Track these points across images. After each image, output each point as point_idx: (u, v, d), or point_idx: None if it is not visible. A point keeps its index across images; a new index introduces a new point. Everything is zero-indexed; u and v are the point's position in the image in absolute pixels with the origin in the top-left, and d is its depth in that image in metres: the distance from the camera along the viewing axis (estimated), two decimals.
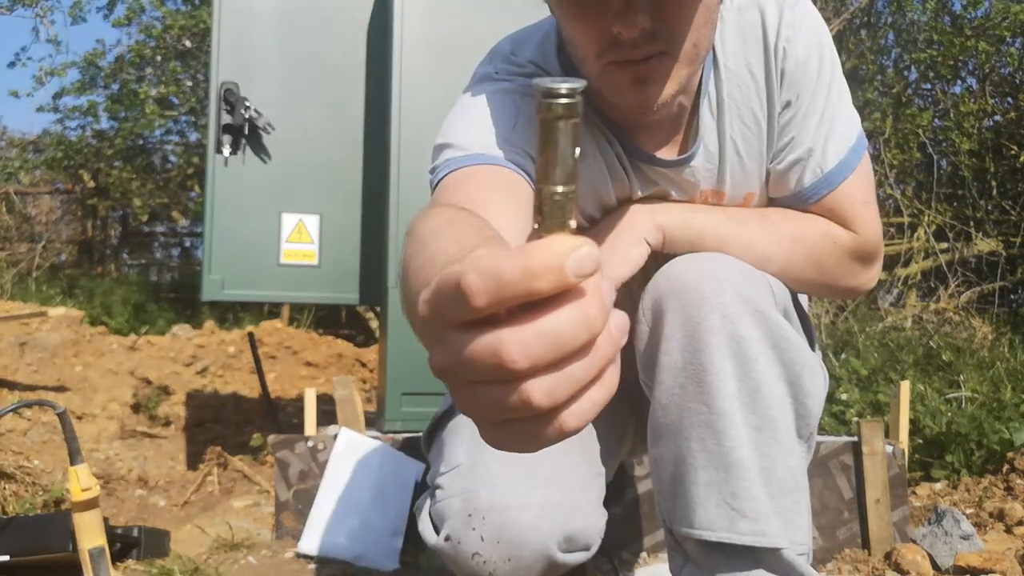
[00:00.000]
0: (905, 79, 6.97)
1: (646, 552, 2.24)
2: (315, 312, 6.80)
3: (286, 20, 2.76)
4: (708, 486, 1.13)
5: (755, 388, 1.12)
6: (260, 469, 3.14)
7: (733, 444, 1.11)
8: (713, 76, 1.26)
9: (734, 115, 1.28)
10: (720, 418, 1.11)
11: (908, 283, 6.42)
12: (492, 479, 1.20)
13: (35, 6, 7.88)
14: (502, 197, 1.09)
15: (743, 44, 1.26)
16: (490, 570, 1.20)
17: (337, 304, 5.25)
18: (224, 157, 2.64)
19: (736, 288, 1.13)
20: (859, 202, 1.30)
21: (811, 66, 1.25)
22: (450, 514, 1.21)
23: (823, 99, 1.26)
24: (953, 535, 2.21)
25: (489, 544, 1.19)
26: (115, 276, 8.85)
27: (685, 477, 1.15)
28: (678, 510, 1.16)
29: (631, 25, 1.07)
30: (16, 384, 3.86)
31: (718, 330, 1.11)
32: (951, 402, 3.33)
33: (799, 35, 1.24)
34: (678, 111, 1.26)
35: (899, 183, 6.48)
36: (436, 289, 0.53)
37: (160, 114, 7.43)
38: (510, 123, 1.20)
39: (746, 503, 1.11)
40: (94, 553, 1.76)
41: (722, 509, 1.12)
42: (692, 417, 1.13)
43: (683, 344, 1.13)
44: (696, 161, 1.29)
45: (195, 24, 7.05)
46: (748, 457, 1.11)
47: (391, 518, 2.15)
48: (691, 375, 1.13)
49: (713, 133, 1.29)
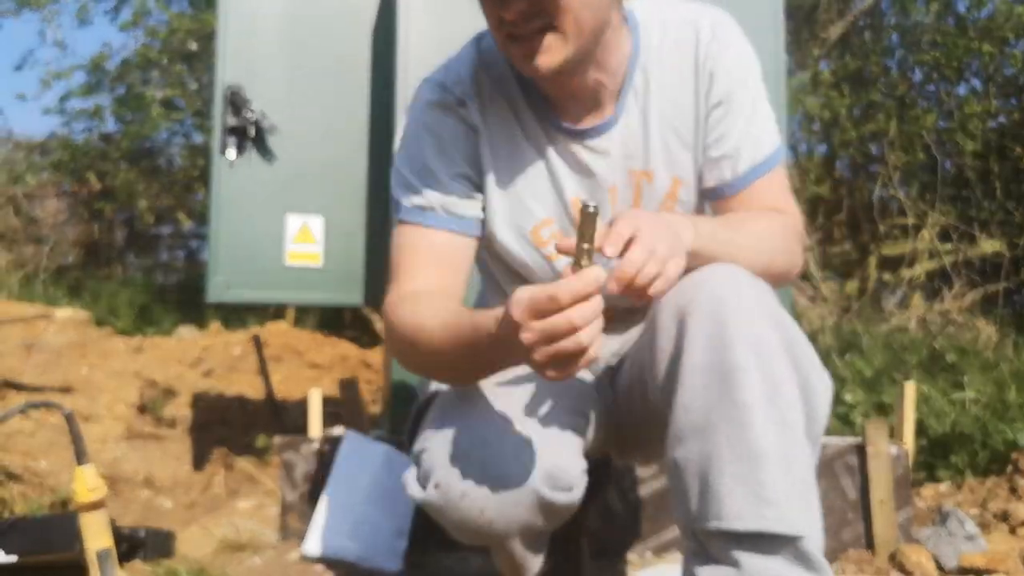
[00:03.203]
0: (909, 81, 6.95)
1: (649, 552, 2.24)
2: (320, 314, 6.80)
3: (291, 22, 2.76)
4: (734, 477, 1.17)
5: (775, 386, 1.19)
6: (265, 470, 3.14)
7: (758, 436, 1.17)
8: (639, 68, 1.46)
9: (664, 104, 1.47)
10: (746, 411, 1.17)
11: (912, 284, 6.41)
12: (472, 427, 1.31)
13: (41, 9, 7.90)
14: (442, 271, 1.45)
15: (677, 48, 1.46)
16: (480, 508, 1.28)
17: (342, 306, 5.26)
18: (229, 159, 2.65)
19: (753, 294, 1.24)
20: (785, 188, 1.50)
21: (737, 75, 1.47)
22: (436, 465, 1.31)
23: (750, 105, 1.47)
24: (958, 536, 2.21)
25: (475, 482, 1.27)
26: (121, 277, 8.87)
27: (711, 472, 1.19)
28: (704, 507, 1.20)
29: (509, 9, 1.29)
30: (23, 385, 3.88)
31: (742, 330, 1.20)
32: (956, 403, 3.32)
33: (728, 48, 1.46)
34: (594, 86, 1.44)
35: (903, 184, 6.47)
36: (532, 299, 1.08)
37: (166, 116, 7.44)
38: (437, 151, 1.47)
39: (771, 491, 1.16)
40: (100, 554, 1.77)
41: (748, 499, 1.16)
42: (718, 414, 1.19)
43: (708, 345, 1.21)
44: (613, 135, 1.47)
45: (200, 27, 7.06)
46: (772, 449, 1.17)
47: (396, 519, 2.15)
48: (716, 374, 1.19)
49: (637, 115, 1.47)
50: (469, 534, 1.34)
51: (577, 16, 1.31)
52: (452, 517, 1.32)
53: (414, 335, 1.36)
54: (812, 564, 1.18)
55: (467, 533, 1.34)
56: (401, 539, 2.14)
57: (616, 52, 1.44)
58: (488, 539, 1.35)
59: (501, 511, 1.29)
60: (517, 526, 1.32)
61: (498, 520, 1.30)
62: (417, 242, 1.46)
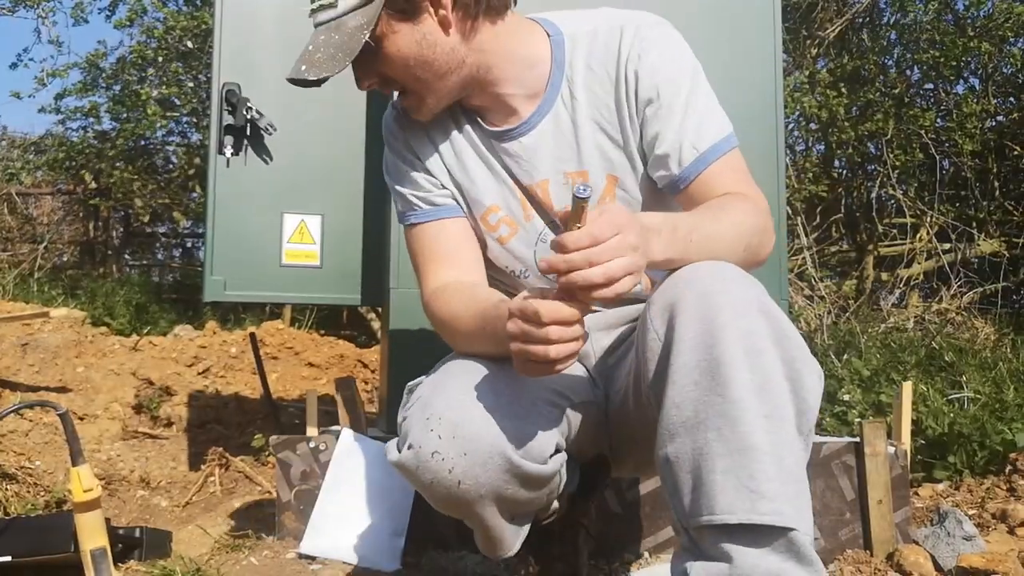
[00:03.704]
0: (908, 79, 6.96)
1: (647, 552, 2.24)
2: (317, 313, 6.80)
3: (288, 21, 2.75)
4: (726, 472, 1.20)
5: (765, 379, 1.22)
6: (262, 470, 3.14)
7: (748, 429, 1.20)
8: (564, 79, 1.60)
9: (593, 110, 1.59)
10: (734, 406, 1.20)
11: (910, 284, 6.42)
12: (449, 394, 1.40)
13: (37, 7, 7.89)
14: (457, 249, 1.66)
15: (603, 54, 1.58)
16: (449, 467, 1.35)
17: (339, 305, 5.26)
18: (226, 158, 2.64)
19: (741, 288, 1.27)
20: (742, 171, 1.55)
21: (664, 73, 1.55)
22: (412, 427, 1.39)
23: (683, 100, 1.54)
24: (955, 536, 2.20)
25: (446, 441, 1.35)
26: (117, 277, 8.86)
27: (702, 468, 1.22)
28: (697, 502, 1.22)
29: (362, 86, 1.60)
30: (18, 385, 3.87)
31: (730, 324, 1.23)
32: (953, 403, 3.33)
33: (651, 48, 1.56)
34: (498, 98, 1.62)
35: (901, 184, 6.47)
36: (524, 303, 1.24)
37: (162, 115, 7.42)
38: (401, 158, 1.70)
39: (763, 484, 1.18)
40: (96, 554, 1.76)
41: (741, 492, 1.19)
42: (708, 409, 1.22)
43: (697, 342, 1.24)
44: (531, 139, 1.62)
45: (197, 25, 7.05)
46: (762, 442, 1.20)
47: (392, 518, 2.15)
48: (706, 370, 1.23)
49: (567, 122, 1.61)
50: (440, 496, 1.40)
51: (415, 76, 1.56)
52: (424, 477, 1.38)
53: (451, 326, 1.57)
54: (804, 558, 1.19)
55: (438, 495, 1.40)
56: (398, 538, 2.13)
57: (511, 65, 1.60)
58: (459, 502, 1.40)
59: (469, 471, 1.35)
60: (485, 489, 1.38)
61: (465, 480, 1.36)
62: (421, 240, 1.68)
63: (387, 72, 1.56)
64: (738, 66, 2.52)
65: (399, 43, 1.53)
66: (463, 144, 1.68)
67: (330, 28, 1.52)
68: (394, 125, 1.72)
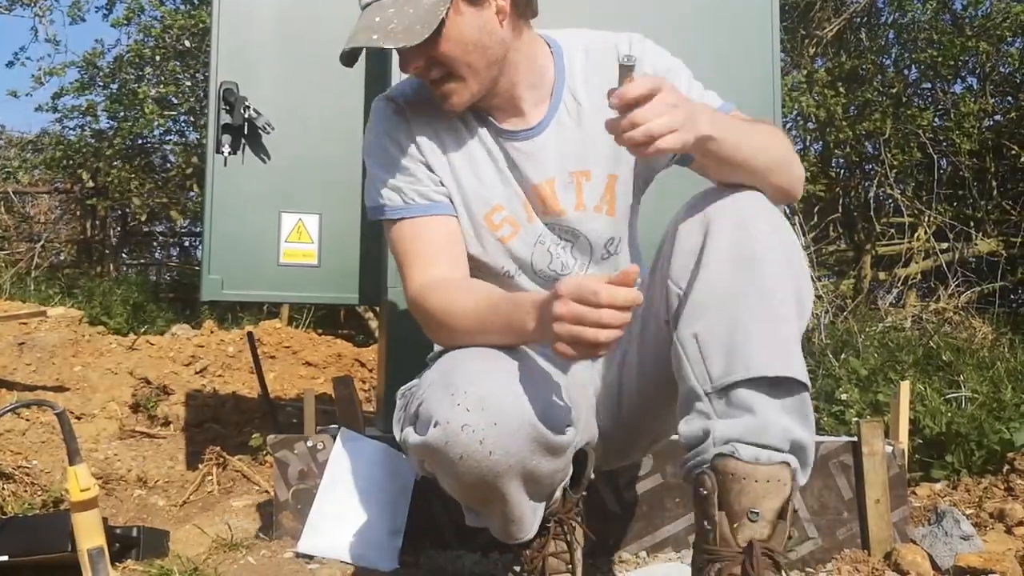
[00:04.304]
0: (905, 79, 6.96)
1: (644, 551, 2.24)
2: (314, 312, 6.80)
3: (286, 20, 2.75)
4: (763, 336, 1.42)
5: (791, 270, 1.47)
6: (259, 469, 3.13)
7: (782, 301, 1.44)
8: (567, 89, 1.73)
9: (594, 112, 1.69)
10: (771, 283, 1.44)
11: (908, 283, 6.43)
12: (468, 371, 1.45)
13: (34, 6, 7.89)
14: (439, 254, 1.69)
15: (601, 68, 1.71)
16: (480, 438, 1.39)
17: (336, 304, 5.25)
18: (223, 157, 2.63)
19: (767, 207, 1.53)
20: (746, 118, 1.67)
21: (664, 64, 1.71)
22: (436, 407, 1.42)
23: (685, 83, 1.70)
24: (953, 535, 2.21)
25: (475, 413, 1.39)
26: (114, 276, 8.85)
27: (738, 334, 1.42)
28: (731, 364, 1.42)
29: (408, 68, 1.62)
30: (15, 384, 3.86)
31: (763, 227, 1.48)
32: (951, 402, 3.33)
33: (648, 51, 1.72)
34: (510, 98, 1.70)
35: (899, 183, 6.48)
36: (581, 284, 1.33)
37: (159, 114, 7.41)
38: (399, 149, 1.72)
39: (793, 348, 1.44)
40: (93, 553, 1.76)
41: (777, 352, 1.41)
42: (747, 287, 1.44)
43: (734, 237, 1.46)
44: (541, 141, 1.71)
45: (194, 24, 7.05)
46: (791, 317, 1.45)
47: (390, 518, 2.15)
48: (743, 258, 1.45)
49: (573, 128, 1.72)
50: (470, 470, 1.41)
51: (469, 62, 1.61)
52: (453, 452, 1.40)
53: (446, 320, 1.60)
54: (807, 418, 1.44)
55: (468, 469, 1.41)
56: (396, 538, 2.13)
57: (529, 70, 1.70)
58: (487, 476, 1.42)
59: (499, 441, 1.39)
60: (515, 459, 1.42)
61: (496, 451, 1.39)
62: (413, 234, 1.70)
63: (442, 54, 1.59)
64: (736, 65, 2.52)
65: (462, 26, 1.58)
66: (472, 142, 1.73)
67: (399, 2, 1.56)
68: (395, 117, 1.73)
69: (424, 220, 1.70)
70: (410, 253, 1.69)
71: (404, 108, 1.74)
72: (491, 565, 2.12)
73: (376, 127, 1.76)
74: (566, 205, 1.74)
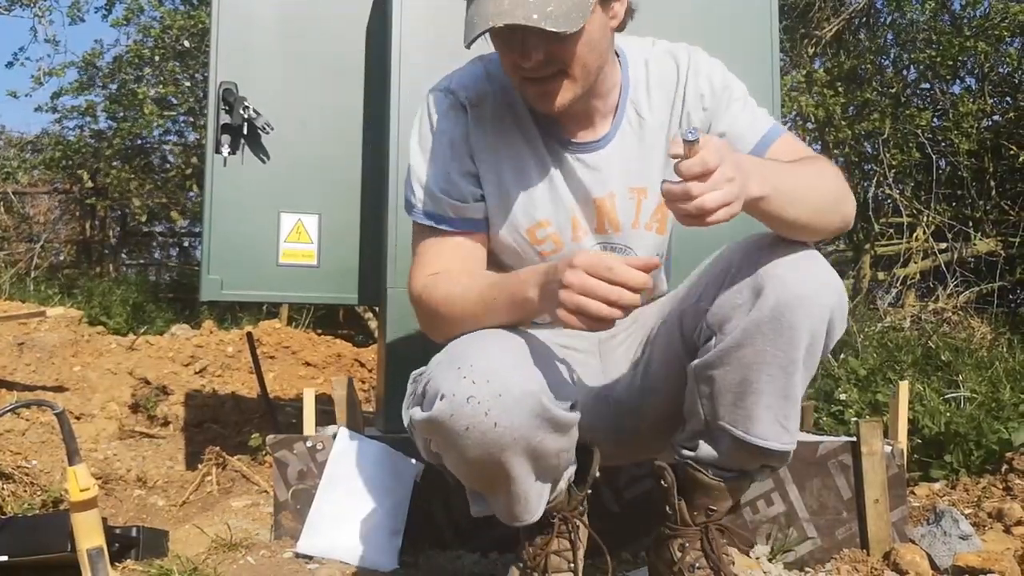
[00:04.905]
0: (904, 79, 6.96)
1: (645, 552, 2.24)
2: (314, 312, 6.80)
3: (285, 20, 2.75)
4: (769, 408, 1.55)
5: (815, 343, 1.53)
6: (259, 469, 3.13)
7: (795, 383, 1.54)
8: (630, 101, 1.72)
9: (656, 132, 1.71)
10: (792, 364, 1.52)
11: (907, 283, 6.42)
12: (475, 348, 1.49)
13: (33, 6, 7.87)
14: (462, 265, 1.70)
15: (661, 81, 1.72)
16: (485, 409, 1.41)
17: (336, 304, 5.25)
18: (223, 157, 2.63)
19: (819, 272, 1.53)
20: (803, 146, 1.72)
21: (716, 82, 1.71)
22: (442, 381, 1.45)
23: (740, 99, 1.72)
24: (952, 535, 2.21)
25: (480, 386, 1.42)
26: (114, 276, 8.85)
27: (748, 397, 1.55)
28: (733, 416, 1.57)
29: (528, 59, 1.52)
30: (14, 384, 3.86)
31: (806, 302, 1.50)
32: (950, 402, 3.33)
33: (702, 66, 1.73)
34: (588, 109, 1.68)
35: (898, 183, 6.48)
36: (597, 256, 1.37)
37: (159, 114, 7.41)
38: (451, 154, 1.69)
39: (791, 424, 1.58)
40: (92, 553, 1.76)
41: (775, 427, 1.56)
42: (767, 357, 1.51)
43: (776, 304, 1.49)
44: (606, 154, 1.71)
45: (194, 24, 7.04)
46: (799, 395, 1.56)
47: (390, 518, 2.15)
48: (776, 328, 1.50)
49: (634, 141, 1.71)
50: (475, 442, 1.44)
51: (585, 61, 1.56)
52: (458, 424, 1.42)
53: (449, 306, 1.61)
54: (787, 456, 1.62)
55: (473, 441, 1.43)
56: (396, 538, 2.13)
57: (608, 80, 1.68)
58: (492, 449, 1.45)
59: (504, 413, 1.42)
60: (519, 432, 1.44)
61: (501, 422, 1.42)
62: (437, 245, 1.71)
63: (565, 51, 1.53)
64: (735, 65, 2.49)
65: (593, 24, 1.54)
66: (526, 154, 1.71)
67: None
68: (451, 113, 1.69)
69: (452, 236, 1.70)
70: (427, 255, 1.70)
71: (463, 105, 1.69)
72: (491, 565, 2.12)
73: (429, 119, 1.71)
74: (624, 221, 1.74)
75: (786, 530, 2.25)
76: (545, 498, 1.61)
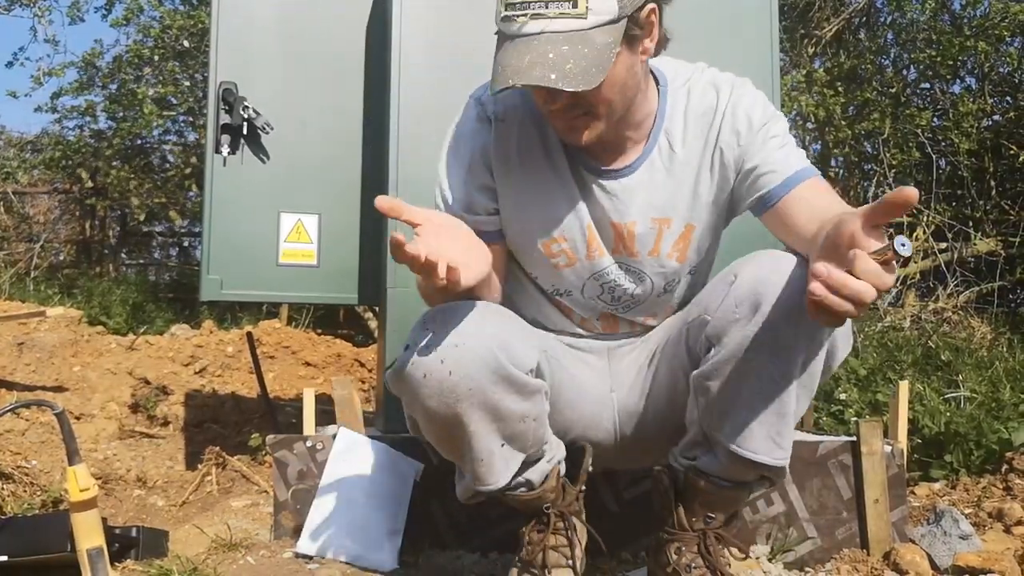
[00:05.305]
0: (904, 79, 6.96)
1: (644, 552, 2.24)
2: (314, 312, 6.79)
3: (285, 20, 2.75)
4: (762, 424, 1.57)
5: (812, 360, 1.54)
6: (259, 469, 3.13)
7: (789, 400, 1.55)
8: (663, 131, 1.70)
9: (685, 160, 1.70)
10: (785, 380, 1.54)
11: (907, 283, 6.42)
12: (445, 308, 1.56)
13: (33, 6, 7.87)
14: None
15: (700, 114, 1.69)
16: (441, 357, 1.51)
17: (336, 304, 5.25)
18: (223, 157, 2.64)
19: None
20: (832, 192, 1.66)
21: (755, 119, 1.67)
22: (410, 337, 1.55)
23: (775, 137, 1.67)
24: (952, 535, 2.21)
25: (439, 336, 1.52)
26: (113, 276, 8.85)
27: (741, 410, 1.57)
28: (726, 427, 1.59)
29: (552, 102, 1.55)
30: (14, 384, 3.86)
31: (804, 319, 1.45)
32: (950, 402, 3.33)
33: (742, 100, 1.69)
34: (620, 138, 1.68)
35: (898, 183, 6.47)
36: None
37: (158, 114, 7.41)
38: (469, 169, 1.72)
39: (785, 440, 1.59)
40: (92, 553, 1.76)
41: (768, 442, 1.58)
42: (762, 373, 1.54)
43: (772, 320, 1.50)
44: (631, 182, 1.70)
45: (193, 24, 7.05)
46: (792, 411, 1.57)
47: (390, 518, 2.15)
48: (771, 346, 1.51)
49: (662, 172, 1.70)
50: (433, 391, 1.52)
51: (611, 101, 1.57)
52: (417, 372, 1.52)
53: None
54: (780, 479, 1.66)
55: (431, 390, 1.52)
56: (395, 538, 2.13)
57: (642, 109, 1.67)
58: (449, 400, 1.52)
59: (459, 362, 1.50)
60: (474, 383, 1.51)
61: (456, 371, 1.50)
62: None
63: (589, 95, 1.54)
64: (735, 65, 2.49)
65: (618, 67, 1.54)
66: (549, 175, 1.71)
67: (573, 39, 1.48)
68: (477, 124, 1.72)
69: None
70: None
71: (489, 119, 1.71)
72: (490, 565, 2.12)
73: (458, 128, 1.75)
74: (642, 249, 1.75)
75: (786, 530, 2.25)
76: (513, 466, 1.64)
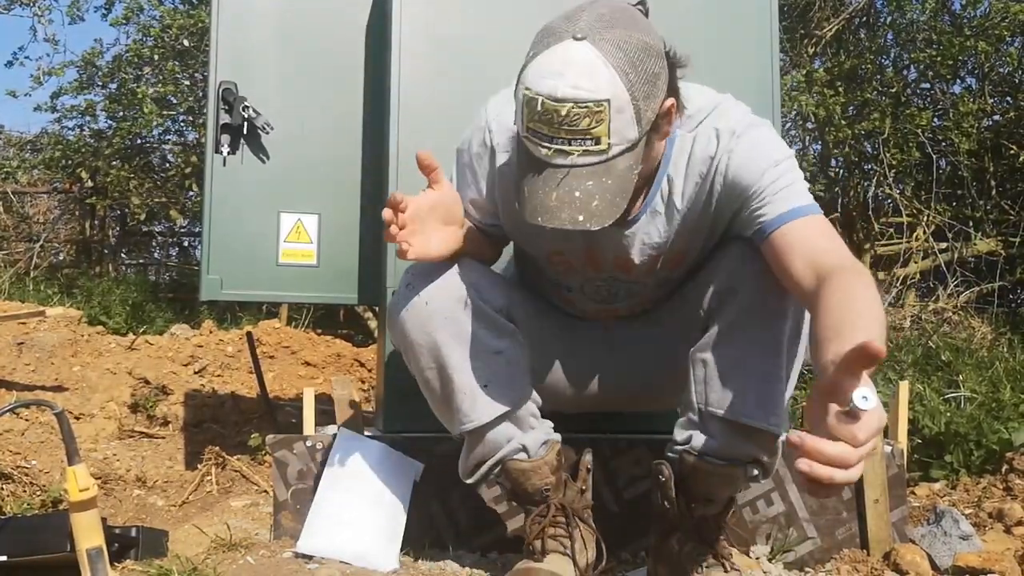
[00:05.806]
0: (904, 79, 6.95)
1: (644, 552, 2.24)
2: (313, 312, 6.79)
3: (285, 19, 2.75)
4: (756, 391, 1.68)
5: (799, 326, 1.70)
6: (258, 469, 3.13)
7: (779, 365, 1.69)
8: (666, 175, 1.72)
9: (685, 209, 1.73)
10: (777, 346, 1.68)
11: (907, 283, 6.42)
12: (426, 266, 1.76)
13: (33, 5, 7.86)
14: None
15: (701, 159, 1.69)
16: (418, 291, 1.74)
17: (336, 304, 5.25)
18: (222, 157, 2.63)
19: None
20: (831, 231, 1.63)
21: (752, 172, 1.65)
22: (399, 285, 1.79)
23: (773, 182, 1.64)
24: (952, 535, 2.21)
25: (418, 276, 1.75)
26: (113, 276, 8.83)
27: (737, 379, 1.68)
28: (722, 399, 1.69)
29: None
30: (14, 384, 3.86)
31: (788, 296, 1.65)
32: (950, 402, 3.33)
33: (736, 155, 1.66)
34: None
35: (898, 183, 6.47)
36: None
37: (158, 113, 7.39)
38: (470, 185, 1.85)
39: (778, 408, 1.70)
40: (92, 553, 1.76)
41: (762, 408, 1.68)
42: (753, 340, 1.67)
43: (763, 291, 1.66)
44: (636, 226, 1.76)
45: (193, 23, 7.03)
46: (783, 377, 1.70)
47: (390, 518, 2.15)
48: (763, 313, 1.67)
49: (662, 215, 1.74)
50: (414, 323, 1.74)
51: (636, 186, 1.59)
52: (400, 307, 1.76)
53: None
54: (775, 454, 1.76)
55: (412, 323, 1.74)
56: (395, 538, 2.13)
57: (654, 162, 1.69)
58: (427, 328, 1.73)
59: (433, 292, 1.73)
60: (449, 313, 1.72)
61: (432, 301, 1.72)
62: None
63: None
64: (735, 65, 2.52)
65: (641, 169, 1.59)
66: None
67: (596, 172, 1.49)
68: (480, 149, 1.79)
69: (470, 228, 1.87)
70: None
71: (492, 147, 1.77)
72: (491, 565, 2.12)
73: (469, 138, 1.84)
74: (638, 272, 1.85)
75: (786, 530, 2.25)
76: (498, 408, 1.75)
